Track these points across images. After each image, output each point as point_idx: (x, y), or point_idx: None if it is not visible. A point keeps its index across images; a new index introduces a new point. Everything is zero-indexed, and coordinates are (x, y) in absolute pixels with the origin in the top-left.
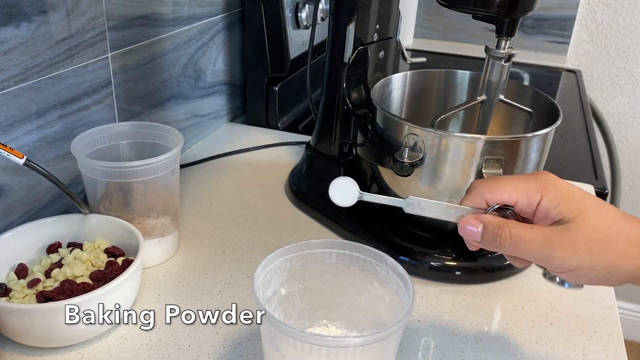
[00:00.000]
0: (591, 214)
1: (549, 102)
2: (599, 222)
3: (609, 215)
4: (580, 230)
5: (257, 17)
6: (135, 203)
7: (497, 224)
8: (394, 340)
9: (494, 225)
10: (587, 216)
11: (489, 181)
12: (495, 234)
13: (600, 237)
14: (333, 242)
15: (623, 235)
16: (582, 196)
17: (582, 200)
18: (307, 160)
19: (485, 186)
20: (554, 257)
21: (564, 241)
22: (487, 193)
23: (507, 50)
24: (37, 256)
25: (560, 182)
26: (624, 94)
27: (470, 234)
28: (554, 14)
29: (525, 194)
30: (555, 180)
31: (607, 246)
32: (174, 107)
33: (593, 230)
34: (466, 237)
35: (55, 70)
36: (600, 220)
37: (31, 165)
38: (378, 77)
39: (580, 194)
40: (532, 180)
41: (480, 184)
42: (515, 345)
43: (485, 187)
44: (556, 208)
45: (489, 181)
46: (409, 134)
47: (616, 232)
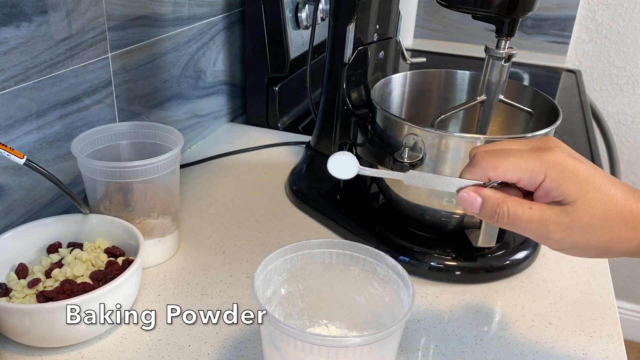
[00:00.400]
0: (592, 196)
1: (548, 102)
2: (598, 205)
3: (610, 196)
4: (578, 214)
5: (257, 17)
6: (135, 203)
7: (496, 200)
8: (394, 340)
9: (493, 200)
10: (587, 199)
11: (493, 157)
12: (494, 211)
13: (597, 221)
14: (333, 242)
15: (621, 218)
16: (587, 176)
17: (586, 181)
18: (307, 160)
19: (489, 163)
20: (549, 238)
21: (561, 224)
22: (490, 170)
23: (507, 50)
24: (37, 256)
25: (566, 159)
26: (624, 94)
27: (470, 205)
28: (553, 14)
29: (529, 173)
30: (561, 159)
31: (603, 230)
32: (174, 107)
33: (591, 215)
34: (465, 207)
35: (56, 71)
36: (600, 203)
37: (31, 165)
38: (378, 77)
39: (585, 173)
40: (537, 160)
41: (484, 159)
42: (515, 345)
43: (489, 164)
44: (558, 189)
45: (492, 157)
46: (408, 134)
47: (614, 216)
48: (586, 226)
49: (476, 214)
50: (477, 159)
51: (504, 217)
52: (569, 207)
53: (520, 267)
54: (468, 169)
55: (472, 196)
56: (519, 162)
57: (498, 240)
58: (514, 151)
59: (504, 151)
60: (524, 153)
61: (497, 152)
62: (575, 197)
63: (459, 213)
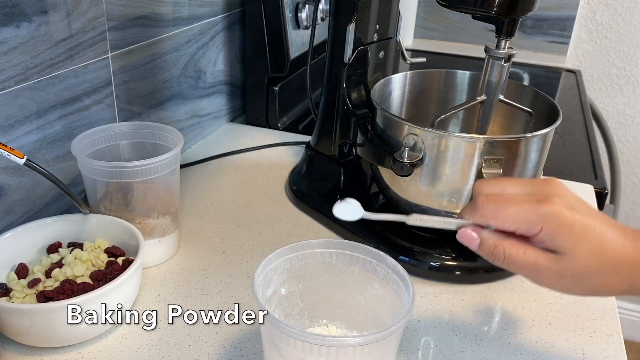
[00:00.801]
0: (584, 249)
1: (548, 102)
2: (590, 258)
3: (602, 247)
4: (570, 264)
5: (257, 17)
6: (135, 203)
7: (493, 242)
8: (394, 340)
9: (491, 242)
10: (579, 252)
11: (493, 205)
12: (491, 252)
13: (588, 271)
14: (333, 242)
15: (612, 268)
16: (582, 229)
17: (580, 234)
18: (307, 160)
19: (489, 211)
20: (541, 281)
21: (553, 270)
22: (490, 219)
23: (507, 50)
24: (38, 256)
25: (562, 212)
26: (624, 94)
27: (469, 242)
28: (553, 14)
29: (526, 224)
30: (558, 211)
31: (593, 279)
32: (174, 107)
33: (582, 266)
34: (464, 243)
35: (56, 71)
36: (592, 256)
37: (31, 165)
38: (378, 77)
39: (580, 226)
40: (534, 212)
41: (484, 206)
42: (515, 345)
43: (489, 212)
44: (552, 240)
45: (493, 204)
46: (408, 134)
47: (606, 267)
48: (577, 275)
49: (475, 250)
50: (478, 204)
51: (500, 258)
52: (561, 256)
53: None
54: (469, 211)
55: (472, 235)
56: (517, 213)
57: None
58: (513, 200)
59: (505, 199)
60: (522, 203)
61: (498, 199)
62: (569, 250)
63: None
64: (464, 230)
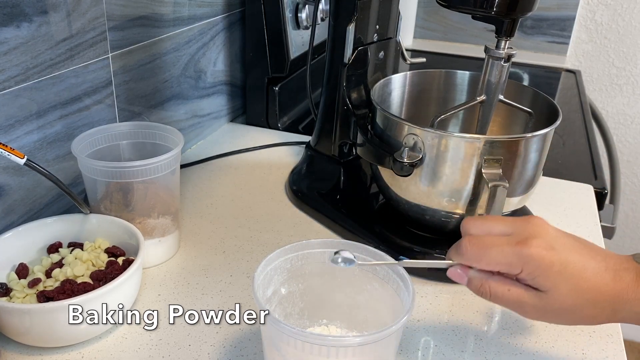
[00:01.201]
0: (563, 287)
1: (548, 102)
2: (569, 295)
3: (581, 284)
4: (550, 301)
5: (257, 17)
6: (135, 203)
7: (479, 279)
8: (394, 340)
9: (477, 280)
10: (559, 290)
11: (476, 249)
12: (478, 289)
13: (568, 307)
14: (333, 242)
15: (590, 303)
16: (560, 268)
17: (559, 273)
18: (307, 160)
19: (473, 255)
20: (526, 316)
21: (535, 306)
22: (474, 262)
23: (507, 50)
24: (38, 256)
25: (541, 253)
26: (624, 94)
27: (458, 279)
28: (553, 14)
29: (507, 267)
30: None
31: (573, 314)
32: (174, 107)
33: (562, 303)
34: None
35: (56, 71)
36: (571, 293)
37: (32, 165)
38: (378, 77)
39: (559, 266)
40: (514, 255)
41: (468, 251)
42: (515, 345)
43: (473, 256)
44: (533, 280)
45: (476, 249)
46: (408, 134)
47: (584, 302)
48: (558, 311)
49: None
50: (462, 249)
51: (487, 295)
52: (543, 294)
53: None
54: (455, 254)
55: (460, 274)
56: (498, 256)
57: None
58: (495, 243)
59: (486, 243)
60: (504, 247)
61: (480, 243)
62: (549, 288)
63: (459, 213)
64: (452, 270)
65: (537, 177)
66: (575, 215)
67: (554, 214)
